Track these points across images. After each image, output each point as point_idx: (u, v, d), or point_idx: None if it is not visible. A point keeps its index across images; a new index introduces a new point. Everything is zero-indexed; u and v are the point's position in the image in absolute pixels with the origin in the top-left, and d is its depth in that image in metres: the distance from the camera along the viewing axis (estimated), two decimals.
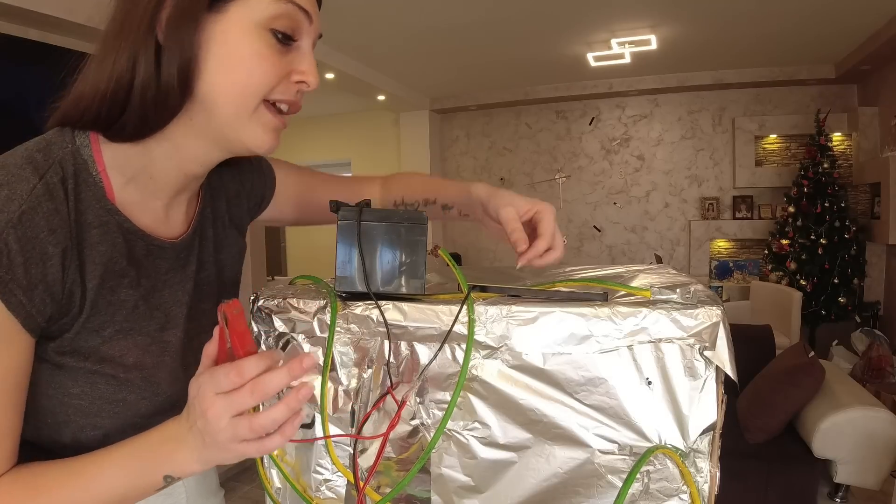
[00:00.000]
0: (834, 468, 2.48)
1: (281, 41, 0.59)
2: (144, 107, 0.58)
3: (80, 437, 0.63)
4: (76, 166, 0.60)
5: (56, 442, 0.63)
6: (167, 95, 0.58)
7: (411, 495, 0.65)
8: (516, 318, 0.60)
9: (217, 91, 0.59)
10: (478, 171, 6.93)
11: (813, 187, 4.94)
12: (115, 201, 0.63)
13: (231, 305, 0.52)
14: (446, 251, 0.71)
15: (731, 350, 0.57)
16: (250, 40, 0.58)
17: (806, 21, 4.20)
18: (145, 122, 0.59)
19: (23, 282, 0.54)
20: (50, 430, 0.63)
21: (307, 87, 0.63)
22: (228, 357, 0.54)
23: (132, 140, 0.61)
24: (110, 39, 0.58)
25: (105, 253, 0.61)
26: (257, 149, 0.63)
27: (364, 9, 3.85)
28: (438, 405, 0.63)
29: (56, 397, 0.61)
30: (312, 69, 0.63)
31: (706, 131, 6.07)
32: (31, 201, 0.55)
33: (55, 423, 0.62)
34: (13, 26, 2.55)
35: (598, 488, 0.59)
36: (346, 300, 0.67)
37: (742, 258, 5.96)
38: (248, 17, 0.57)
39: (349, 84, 5.32)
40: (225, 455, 0.55)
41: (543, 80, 6.07)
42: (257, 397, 0.52)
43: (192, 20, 0.56)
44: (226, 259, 0.79)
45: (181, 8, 0.56)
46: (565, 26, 4.33)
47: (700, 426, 0.58)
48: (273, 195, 0.89)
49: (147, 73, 0.57)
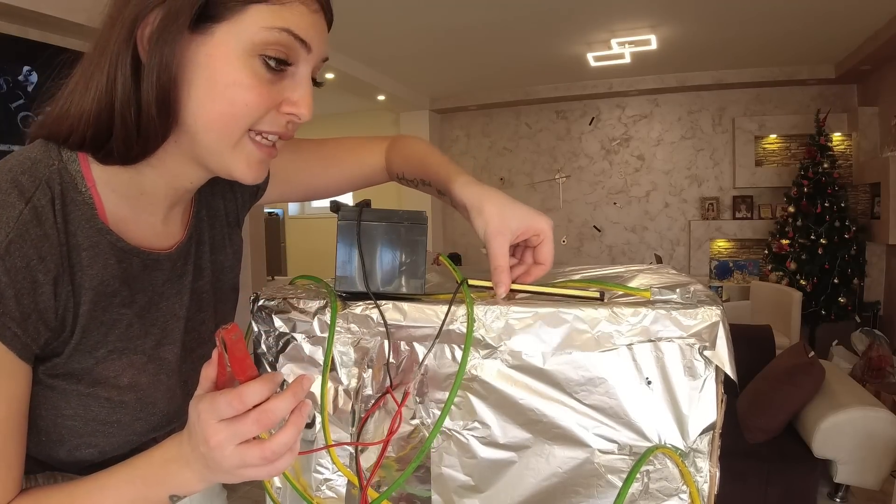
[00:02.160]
0: (834, 468, 2.48)
1: (273, 68, 0.55)
2: (127, 131, 0.55)
3: (75, 454, 0.62)
4: (63, 185, 0.56)
5: (52, 457, 0.63)
6: (149, 120, 0.55)
7: (411, 495, 0.65)
8: (516, 318, 0.60)
9: (200, 120, 0.56)
10: (478, 171, 6.93)
11: (813, 187, 4.94)
12: (106, 219, 0.60)
13: (230, 331, 0.50)
14: (447, 257, 0.71)
15: (731, 350, 0.57)
16: (235, 68, 0.54)
17: (806, 21, 4.21)
18: (130, 148, 0.56)
19: (15, 314, 0.52)
20: (45, 447, 0.62)
21: (298, 120, 0.59)
22: (228, 378, 0.53)
23: (122, 164, 0.59)
24: (95, 57, 0.56)
25: (96, 276, 0.59)
26: (241, 179, 0.60)
27: (365, 9, 3.85)
28: (438, 405, 0.63)
29: (49, 417, 0.60)
30: (306, 100, 0.58)
31: (706, 131, 6.07)
32: (17, 229, 0.52)
33: (49, 441, 0.61)
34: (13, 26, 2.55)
35: (597, 488, 0.59)
36: (346, 300, 0.67)
37: (742, 258, 5.96)
38: (235, 42, 0.53)
39: (349, 84, 5.32)
40: (230, 479, 0.53)
41: (543, 80, 6.08)
42: (262, 426, 0.49)
43: (172, 40, 0.53)
44: (224, 260, 0.78)
45: (162, 25, 0.53)
46: (565, 26, 4.33)
47: (700, 426, 0.58)
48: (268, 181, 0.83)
49: (125, 93, 0.54)
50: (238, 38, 0.53)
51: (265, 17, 0.53)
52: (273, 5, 0.54)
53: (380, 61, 5.14)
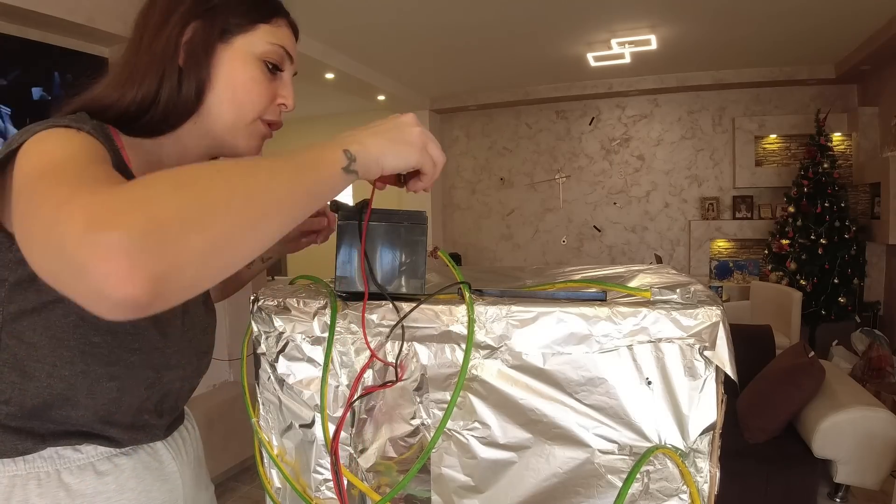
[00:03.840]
0: (834, 468, 2.47)
1: (270, 71, 0.74)
2: (167, 113, 0.71)
3: (95, 388, 0.66)
4: (104, 135, 0.66)
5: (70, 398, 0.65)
6: (185, 105, 0.71)
7: (411, 495, 0.65)
8: (516, 318, 0.60)
9: (223, 105, 0.72)
10: (478, 171, 6.94)
11: (813, 187, 4.94)
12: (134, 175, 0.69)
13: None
14: (445, 252, 0.71)
15: (731, 350, 0.57)
16: (250, 67, 0.73)
17: (806, 21, 4.21)
18: (166, 122, 0.72)
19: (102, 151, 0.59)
20: (64, 384, 0.65)
21: (286, 108, 0.77)
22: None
23: (150, 135, 0.72)
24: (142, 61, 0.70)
25: None
26: (246, 152, 0.76)
27: (364, 9, 3.85)
28: (438, 405, 0.63)
29: (77, 347, 0.64)
30: (291, 95, 0.78)
31: (706, 131, 6.07)
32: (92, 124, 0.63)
33: (72, 374, 0.64)
34: (13, 26, 2.55)
35: (597, 488, 0.59)
36: (346, 300, 0.67)
37: (742, 258, 5.96)
38: (248, 49, 0.72)
39: (349, 84, 5.32)
40: (406, 150, 0.60)
41: (543, 80, 6.08)
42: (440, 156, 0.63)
43: (207, 49, 0.70)
44: None
45: (198, 39, 0.70)
46: (565, 26, 4.33)
47: (700, 426, 0.58)
48: None
49: (171, 91, 0.70)
50: (251, 47, 0.72)
51: (268, 35, 0.73)
52: (273, 26, 0.74)
53: (380, 61, 5.13)
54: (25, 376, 0.64)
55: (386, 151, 0.58)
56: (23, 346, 0.63)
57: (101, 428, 0.69)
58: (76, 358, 0.64)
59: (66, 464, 0.67)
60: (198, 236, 0.41)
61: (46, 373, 0.64)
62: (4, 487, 0.64)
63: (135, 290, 0.38)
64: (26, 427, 0.65)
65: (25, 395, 0.64)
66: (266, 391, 0.72)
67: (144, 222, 0.39)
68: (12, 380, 0.64)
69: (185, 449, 0.81)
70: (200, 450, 0.86)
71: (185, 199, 0.42)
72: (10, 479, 0.64)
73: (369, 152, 0.57)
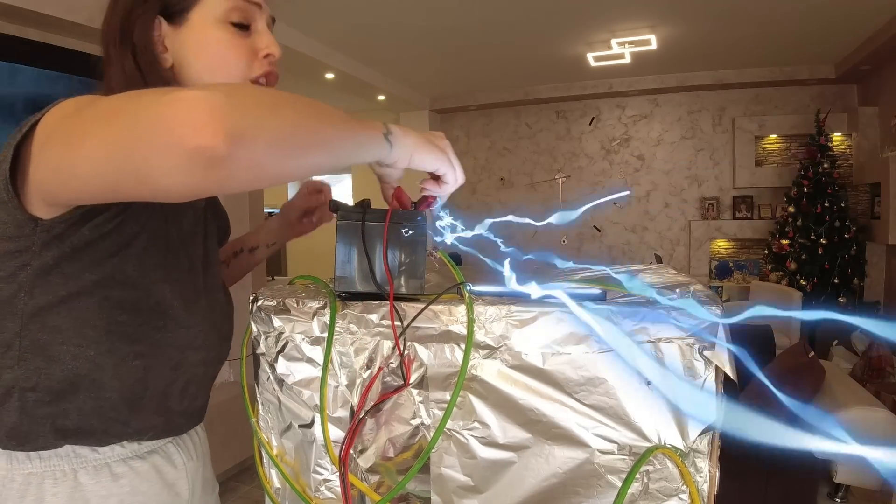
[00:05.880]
0: (834, 468, 2.48)
1: (239, 29, 0.72)
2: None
3: (121, 367, 0.66)
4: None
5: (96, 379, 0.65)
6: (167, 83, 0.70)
7: (411, 495, 0.65)
8: (516, 318, 0.60)
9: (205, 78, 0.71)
10: (478, 171, 6.93)
11: (813, 187, 4.94)
12: None
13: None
14: (445, 252, 0.71)
15: (731, 350, 0.57)
16: (216, 32, 0.70)
17: (806, 21, 4.20)
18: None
19: None
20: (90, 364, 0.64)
21: (273, 56, 0.74)
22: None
23: None
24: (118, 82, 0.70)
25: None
26: None
27: (364, 9, 3.85)
28: (438, 405, 0.63)
29: (102, 326, 0.64)
30: (272, 42, 0.74)
31: (706, 131, 6.07)
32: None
33: (98, 353, 0.64)
34: (13, 26, 2.55)
35: (597, 488, 0.59)
36: (346, 300, 0.67)
37: (742, 258, 5.95)
38: (207, 16, 0.70)
39: (349, 84, 5.32)
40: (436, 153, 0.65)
41: (543, 80, 6.07)
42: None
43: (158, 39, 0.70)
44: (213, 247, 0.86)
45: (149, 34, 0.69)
46: (565, 26, 4.33)
47: (700, 426, 0.58)
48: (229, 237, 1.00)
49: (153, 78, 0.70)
50: (209, 12, 0.70)
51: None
52: None
53: (380, 61, 5.13)
54: (50, 360, 0.63)
55: (420, 147, 0.64)
56: (46, 330, 0.63)
57: (126, 416, 0.68)
58: (101, 337, 0.64)
59: (83, 463, 0.67)
60: (272, 121, 0.47)
61: (72, 354, 0.63)
62: (19, 485, 0.63)
63: (214, 140, 0.42)
64: (51, 415, 0.64)
65: (52, 379, 0.64)
66: (265, 391, 0.72)
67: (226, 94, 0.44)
68: (37, 365, 0.63)
69: (196, 452, 0.81)
70: (208, 453, 0.87)
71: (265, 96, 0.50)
72: (26, 476, 0.64)
73: (406, 140, 0.63)
